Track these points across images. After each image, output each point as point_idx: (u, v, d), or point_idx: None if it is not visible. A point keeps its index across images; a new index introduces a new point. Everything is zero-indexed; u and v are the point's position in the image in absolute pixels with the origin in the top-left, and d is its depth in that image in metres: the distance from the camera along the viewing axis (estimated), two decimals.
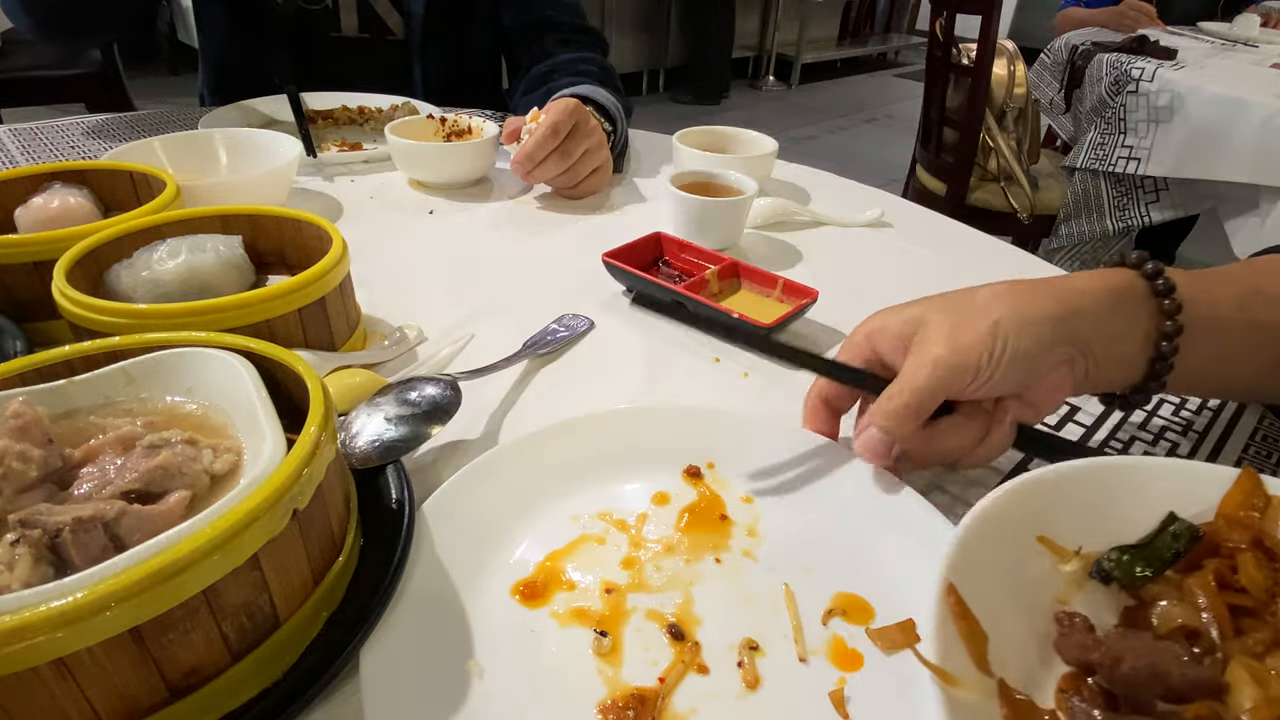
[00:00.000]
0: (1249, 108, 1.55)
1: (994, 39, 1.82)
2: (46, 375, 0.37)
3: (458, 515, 0.41)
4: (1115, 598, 0.32)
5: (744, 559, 0.41)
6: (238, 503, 0.29)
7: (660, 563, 0.41)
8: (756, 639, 0.37)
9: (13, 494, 0.31)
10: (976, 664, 0.28)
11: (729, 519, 0.44)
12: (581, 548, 0.41)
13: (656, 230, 0.73)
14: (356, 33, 1.15)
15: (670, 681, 0.34)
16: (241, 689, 0.31)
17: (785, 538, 0.43)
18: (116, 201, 0.67)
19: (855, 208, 0.90)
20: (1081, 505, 0.34)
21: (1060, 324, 0.40)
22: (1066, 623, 0.30)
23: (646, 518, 0.44)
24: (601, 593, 0.39)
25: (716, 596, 0.39)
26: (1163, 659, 0.26)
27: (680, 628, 0.37)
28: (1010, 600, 0.31)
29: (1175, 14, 2.44)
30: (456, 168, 0.91)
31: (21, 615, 0.24)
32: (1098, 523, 0.33)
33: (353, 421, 0.44)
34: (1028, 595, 0.32)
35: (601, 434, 0.47)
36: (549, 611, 0.38)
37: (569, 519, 0.43)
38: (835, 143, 4.16)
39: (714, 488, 0.46)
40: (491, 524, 0.42)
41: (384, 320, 0.63)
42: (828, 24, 5.65)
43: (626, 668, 0.35)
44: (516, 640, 0.36)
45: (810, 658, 0.36)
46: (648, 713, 0.33)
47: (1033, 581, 0.32)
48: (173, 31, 4.17)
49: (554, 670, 0.35)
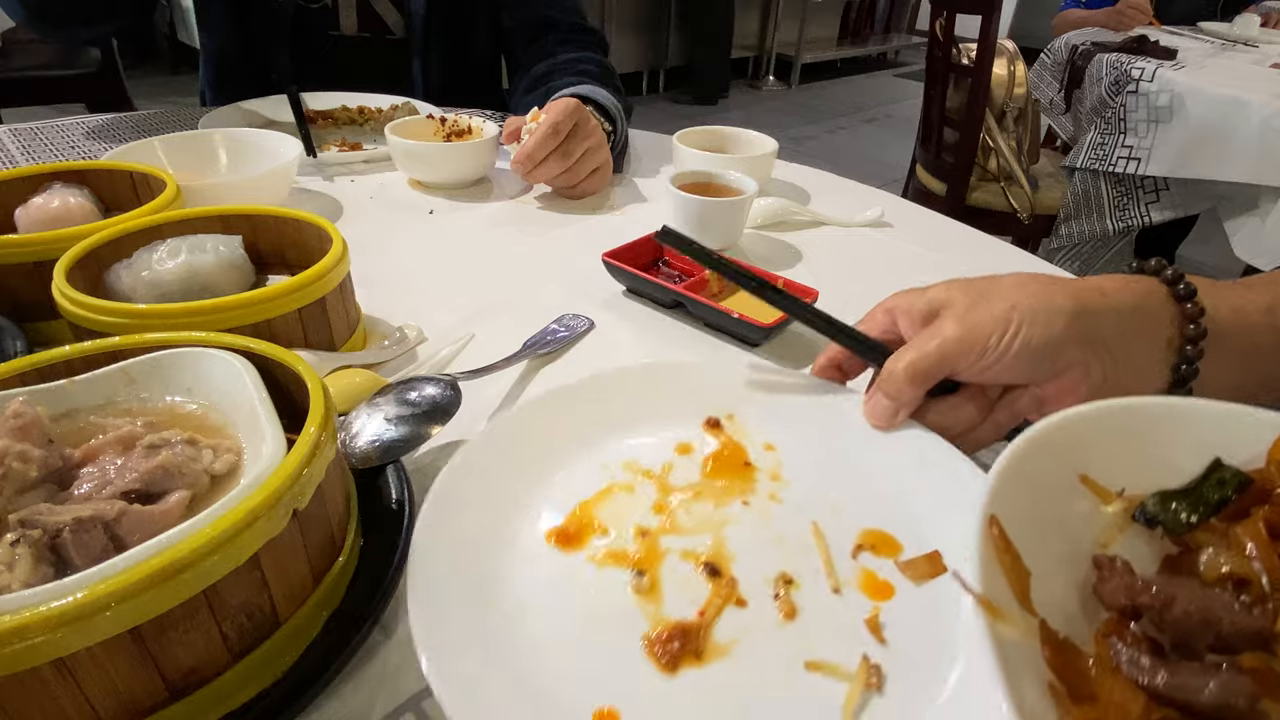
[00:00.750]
0: (1249, 108, 1.55)
1: (994, 39, 1.82)
2: (46, 375, 0.37)
3: (488, 468, 0.42)
4: (1156, 544, 0.31)
5: (770, 502, 0.42)
6: (238, 503, 0.29)
7: (690, 508, 0.42)
8: (790, 573, 0.38)
9: (13, 494, 0.31)
10: (1019, 600, 0.27)
11: (752, 465, 0.45)
12: (611, 496, 0.42)
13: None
14: (356, 32, 1.15)
15: (710, 614, 0.35)
16: (241, 689, 0.31)
17: (809, 480, 0.44)
18: (116, 201, 0.67)
19: (855, 208, 0.90)
20: (1124, 446, 0.33)
21: (1076, 319, 0.39)
22: (1108, 567, 0.28)
23: (671, 467, 0.44)
24: (635, 536, 0.40)
25: (747, 537, 0.40)
26: (1215, 605, 0.25)
27: (715, 565, 0.38)
28: (1049, 541, 0.30)
29: (1175, 14, 2.44)
30: (456, 168, 0.91)
31: (21, 615, 0.24)
32: (1140, 465, 0.32)
33: (353, 421, 0.44)
34: (1067, 537, 0.30)
35: (621, 389, 0.48)
36: (586, 555, 0.38)
37: (597, 469, 0.44)
38: (835, 143, 4.16)
39: (735, 437, 0.47)
40: (521, 475, 0.42)
41: (384, 320, 0.63)
42: (828, 24, 5.65)
43: (666, 603, 0.36)
44: (556, 583, 0.37)
45: (843, 589, 0.37)
46: (691, 643, 0.34)
47: (1072, 523, 0.31)
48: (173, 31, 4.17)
49: (596, 609, 0.36)
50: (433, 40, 1.17)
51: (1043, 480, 0.31)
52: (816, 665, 0.33)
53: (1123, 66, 1.76)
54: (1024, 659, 0.25)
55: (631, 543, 0.39)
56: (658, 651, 0.33)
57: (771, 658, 0.34)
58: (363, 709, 0.33)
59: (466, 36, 1.20)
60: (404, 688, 0.34)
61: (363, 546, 0.39)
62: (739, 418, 0.48)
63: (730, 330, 0.63)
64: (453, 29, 1.17)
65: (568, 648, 0.34)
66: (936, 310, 0.43)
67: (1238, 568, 0.27)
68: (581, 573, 0.37)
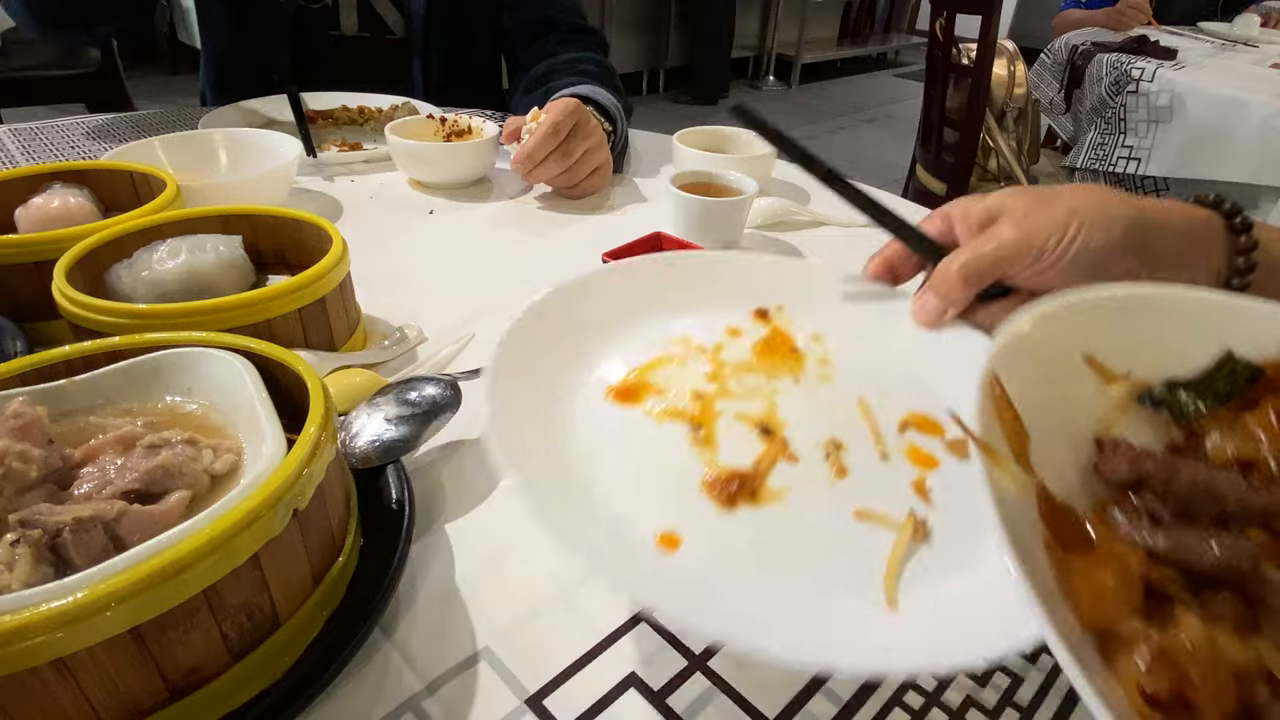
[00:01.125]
0: (1249, 108, 1.55)
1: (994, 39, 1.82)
2: (46, 375, 0.37)
3: (552, 323, 0.43)
4: (1161, 430, 0.30)
5: (819, 381, 0.44)
6: (238, 503, 0.29)
7: (741, 378, 0.43)
8: (839, 439, 0.39)
9: (13, 494, 0.31)
10: (1018, 458, 0.26)
11: (800, 352, 0.46)
12: (666, 364, 0.44)
13: (656, 230, 0.73)
14: (356, 31, 1.15)
15: (764, 465, 0.37)
16: (241, 689, 0.31)
17: (856, 367, 0.45)
18: (116, 201, 0.67)
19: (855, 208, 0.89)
20: (1133, 332, 0.32)
21: (1134, 228, 0.39)
22: (1110, 445, 0.28)
23: (722, 346, 0.46)
24: (691, 399, 0.41)
25: (797, 406, 0.41)
26: (1220, 481, 0.25)
27: (768, 426, 0.39)
28: (1049, 417, 0.29)
29: (1175, 14, 2.44)
30: (457, 168, 0.91)
31: (21, 615, 0.24)
32: (1149, 353, 0.31)
33: (353, 421, 0.44)
34: (1068, 416, 0.30)
35: (672, 273, 0.50)
36: (644, 411, 0.40)
37: (650, 342, 0.45)
38: (835, 143, 4.16)
39: (783, 327, 0.48)
40: (579, 336, 0.44)
41: (384, 320, 0.63)
42: (828, 24, 5.65)
43: (722, 454, 0.37)
44: (617, 431, 0.38)
45: (891, 456, 0.38)
46: (747, 485, 0.35)
47: (1075, 403, 0.30)
48: (173, 31, 4.17)
49: (656, 454, 0.37)
50: (433, 40, 1.17)
51: (1046, 356, 0.30)
52: (866, 514, 0.35)
53: (1123, 66, 1.76)
54: (1020, 512, 0.24)
55: (687, 403, 0.40)
56: (716, 491, 0.35)
57: (823, 505, 0.35)
58: (363, 709, 0.33)
59: (466, 36, 1.20)
60: (404, 688, 0.34)
61: (363, 546, 0.39)
62: (787, 310, 0.49)
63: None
64: (453, 29, 1.17)
65: (630, 483, 0.35)
66: (995, 215, 0.43)
67: (1245, 452, 0.26)
68: (640, 425, 0.39)
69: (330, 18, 1.13)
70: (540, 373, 0.39)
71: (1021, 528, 0.23)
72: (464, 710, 0.34)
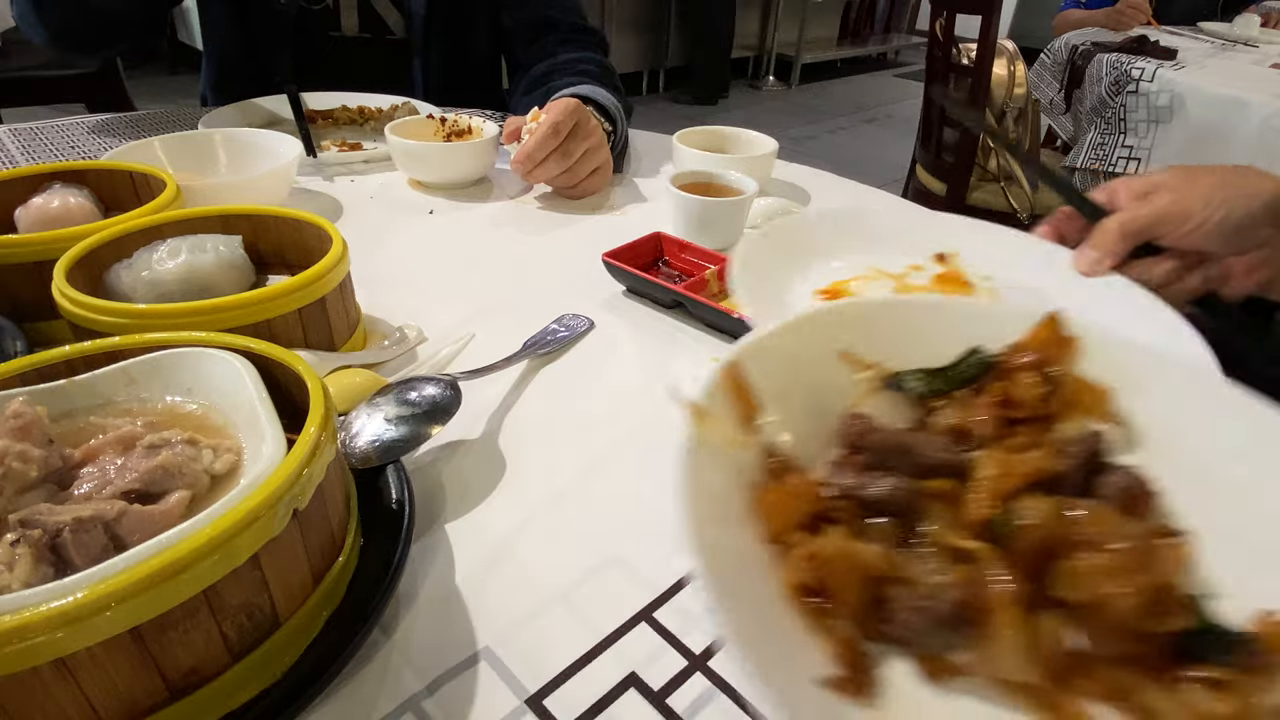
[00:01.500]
0: (1249, 108, 1.55)
1: (994, 39, 1.82)
2: (46, 375, 0.37)
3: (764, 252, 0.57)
4: (906, 410, 0.35)
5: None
6: (238, 503, 0.29)
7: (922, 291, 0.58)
8: None
9: (13, 494, 0.31)
10: (743, 423, 0.31)
11: (971, 285, 0.59)
12: (859, 281, 0.59)
13: (656, 230, 0.73)
14: (357, 32, 1.15)
15: None
16: (241, 689, 0.31)
17: (1017, 296, 0.56)
18: (116, 201, 0.67)
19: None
20: (893, 334, 0.36)
21: (1275, 202, 0.48)
22: (845, 417, 0.33)
23: (905, 275, 0.60)
24: None
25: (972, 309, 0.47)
26: (912, 438, 0.30)
27: None
28: (801, 399, 0.33)
29: (1175, 14, 2.44)
30: (457, 168, 0.91)
31: (21, 615, 0.24)
32: (907, 351, 0.36)
33: (353, 421, 0.44)
34: (820, 398, 0.34)
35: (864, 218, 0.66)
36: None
37: (844, 268, 0.60)
38: (835, 143, 4.16)
39: (958, 267, 0.61)
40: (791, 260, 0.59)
41: (384, 320, 0.63)
42: (828, 24, 5.65)
43: None
44: None
45: None
46: None
47: (829, 386, 0.35)
48: (173, 31, 4.17)
49: None
50: (433, 40, 1.17)
51: (804, 353, 0.35)
52: None
53: (1123, 66, 1.76)
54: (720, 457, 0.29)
55: None
56: None
57: None
58: (363, 709, 0.33)
59: (466, 36, 1.20)
60: (404, 688, 0.34)
61: (363, 546, 0.39)
62: (962, 255, 0.62)
63: (730, 330, 0.63)
64: (453, 29, 1.17)
65: None
66: (1154, 187, 0.52)
67: (960, 422, 0.32)
68: None
69: (330, 18, 1.13)
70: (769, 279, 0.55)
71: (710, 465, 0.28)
72: (464, 710, 0.34)
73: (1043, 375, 0.33)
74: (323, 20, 1.13)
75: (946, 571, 0.25)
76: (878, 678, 0.25)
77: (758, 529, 0.28)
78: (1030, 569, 0.26)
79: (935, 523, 0.27)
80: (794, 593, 0.26)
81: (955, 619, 0.24)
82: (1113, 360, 0.34)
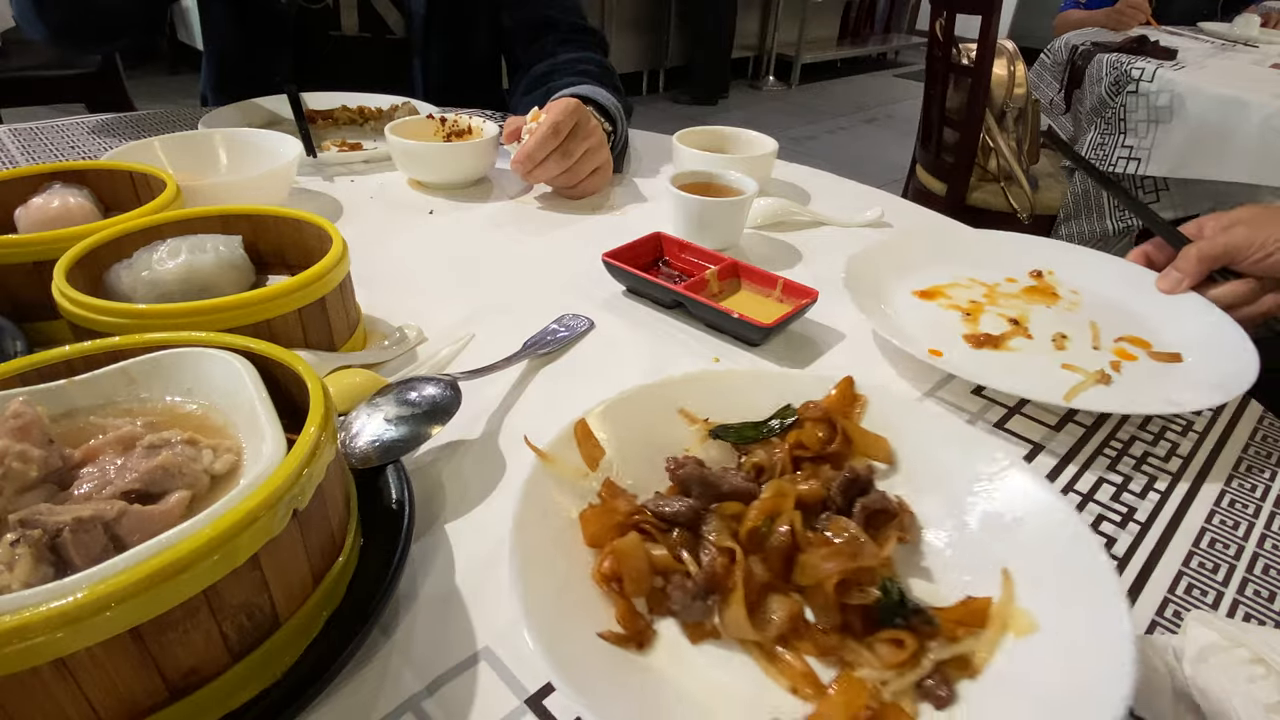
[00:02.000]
0: (1249, 108, 1.55)
1: (994, 39, 1.82)
2: (46, 375, 0.37)
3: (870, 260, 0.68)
4: (730, 455, 0.43)
5: (1067, 309, 0.67)
6: (238, 503, 0.29)
7: (1008, 299, 0.68)
8: (1064, 333, 0.63)
9: (13, 494, 0.31)
10: (586, 463, 0.40)
11: (1059, 296, 0.69)
12: (954, 286, 0.70)
13: (656, 230, 0.73)
14: (357, 31, 1.15)
15: (1008, 334, 0.63)
16: (241, 689, 0.31)
17: (1099, 307, 0.67)
18: (116, 201, 0.67)
19: (855, 208, 0.90)
20: (723, 396, 0.44)
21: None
22: (670, 459, 0.40)
23: (998, 285, 0.70)
24: (967, 302, 0.67)
25: (1044, 317, 0.66)
26: (712, 473, 0.39)
27: (1018, 320, 0.65)
28: (642, 444, 0.42)
29: (1175, 14, 2.44)
30: (457, 168, 0.91)
31: (21, 615, 0.24)
32: (735, 409, 0.44)
33: (353, 421, 0.44)
34: (660, 445, 0.42)
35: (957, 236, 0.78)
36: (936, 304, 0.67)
37: (946, 277, 0.71)
38: (835, 143, 4.16)
39: (1050, 282, 0.71)
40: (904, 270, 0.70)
41: (384, 320, 0.63)
42: (828, 24, 5.65)
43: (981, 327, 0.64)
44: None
45: (1102, 349, 0.61)
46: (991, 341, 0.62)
47: (669, 439, 0.43)
48: (173, 31, 4.17)
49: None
50: (433, 40, 1.17)
51: (648, 410, 0.43)
52: (1070, 366, 0.58)
53: (1123, 66, 1.75)
54: (561, 485, 0.38)
55: (964, 302, 0.67)
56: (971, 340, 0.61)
57: (1042, 356, 0.59)
58: (363, 709, 0.33)
59: (466, 36, 1.20)
60: (404, 688, 0.34)
61: (363, 546, 0.39)
62: (1057, 273, 0.72)
63: (730, 330, 0.63)
64: (453, 29, 1.17)
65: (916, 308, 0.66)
66: (1234, 221, 0.62)
67: (761, 461, 0.41)
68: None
69: (330, 18, 1.13)
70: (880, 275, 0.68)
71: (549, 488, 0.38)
72: (464, 710, 0.34)
73: (829, 424, 0.42)
74: (322, 20, 1.13)
75: (709, 564, 0.35)
76: (652, 636, 0.34)
77: (583, 535, 0.36)
78: (781, 563, 0.35)
79: (714, 532, 0.36)
80: (601, 578, 0.35)
81: (705, 595, 0.34)
82: (887, 410, 0.43)
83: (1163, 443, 0.54)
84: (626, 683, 0.30)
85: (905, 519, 0.38)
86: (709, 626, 0.33)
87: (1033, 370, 0.57)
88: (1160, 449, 0.53)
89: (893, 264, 0.70)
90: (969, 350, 0.60)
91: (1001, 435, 0.54)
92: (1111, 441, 0.54)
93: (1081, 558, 0.32)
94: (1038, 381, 0.55)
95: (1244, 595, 0.42)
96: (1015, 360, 0.59)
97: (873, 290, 0.65)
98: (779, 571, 0.35)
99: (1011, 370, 0.58)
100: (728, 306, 0.62)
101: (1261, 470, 0.52)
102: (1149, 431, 0.55)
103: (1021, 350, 0.60)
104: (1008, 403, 0.57)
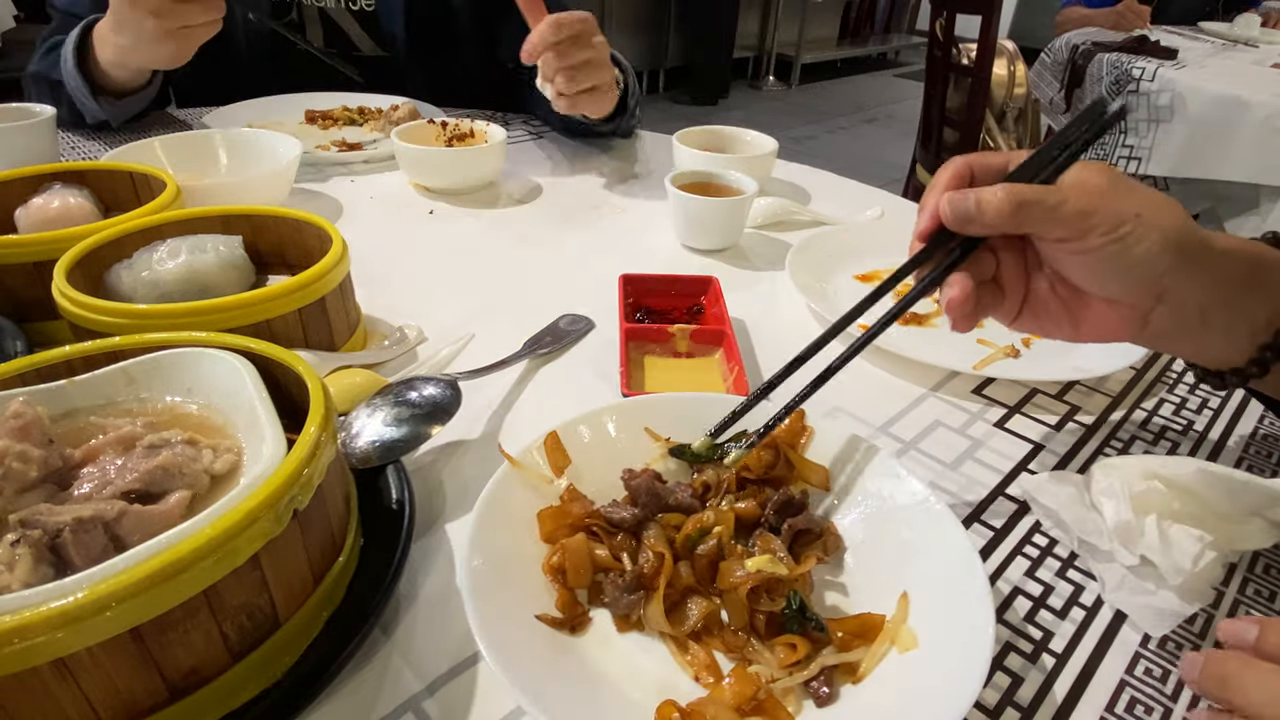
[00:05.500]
0: (1249, 108, 1.55)
1: (994, 39, 1.82)
2: (46, 375, 0.37)
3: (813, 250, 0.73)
4: (688, 472, 0.46)
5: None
6: (238, 503, 0.29)
7: None
8: None
9: (13, 494, 0.31)
10: (553, 470, 0.43)
11: None
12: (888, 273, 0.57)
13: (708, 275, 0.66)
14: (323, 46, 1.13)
15: None
16: (241, 689, 0.31)
17: None
18: (116, 201, 0.67)
19: (855, 208, 0.90)
20: (687, 417, 0.47)
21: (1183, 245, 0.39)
22: (627, 471, 0.44)
23: None
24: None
25: None
26: (663, 487, 0.43)
27: None
28: (606, 458, 0.45)
29: (1175, 14, 2.44)
30: (466, 173, 0.90)
31: (21, 615, 0.24)
32: (696, 429, 0.46)
33: (353, 421, 0.44)
34: (624, 458, 0.45)
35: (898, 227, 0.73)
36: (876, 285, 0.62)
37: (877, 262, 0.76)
38: (835, 143, 4.16)
39: None
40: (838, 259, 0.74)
41: (384, 320, 0.63)
42: (828, 24, 5.65)
43: None
44: None
45: None
46: None
47: (634, 451, 0.46)
48: None
49: None
50: (416, 58, 1.16)
51: (617, 426, 0.47)
52: (984, 341, 0.64)
53: (1123, 66, 1.75)
54: (525, 487, 0.42)
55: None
56: None
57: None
58: (363, 709, 0.33)
59: (453, 51, 1.19)
60: (404, 688, 0.34)
61: (363, 546, 0.39)
62: None
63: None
64: (437, 47, 1.17)
65: None
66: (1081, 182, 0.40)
67: (709, 480, 0.44)
68: None
69: (295, 30, 1.12)
70: None
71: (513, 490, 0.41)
72: (464, 710, 0.34)
73: (774, 450, 0.45)
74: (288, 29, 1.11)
75: (641, 565, 0.39)
76: (587, 622, 0.38)
77: (540, 531, 0.41)
78: (707, 569, 0.40)
79: (653, 537, 0.40)
80: (549, 570, 0.39)
81: (634, 590, 0.38)
82: (830, 442, 0.46)
83: (1163, 442, 0.54)
84: (554, 660, 0.35)
85: (829, 540, 0.42)
86: (635, 618, 0.38)
87: (950, 344, 0.63)
88: (1160, 449, 0.53)
89: (839, 250, 0.77)
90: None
91: (1003, 434, 0.54)
92: (1112, 441, 0.54)
93: (972, 589, 0.36)
94: (954, 354, 0.60)
95: (1244, 595, 0.42)
96: (936, 335, 0.66)
97: (816, 272, 0.73)
98: (704, 576, 0.40)
99: (932, 343, 0.64)
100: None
101: (1261, 470, 0.52)
102: (1149, 431, 0.55)
103: (942, 328, 0.66)
104: (1008, 402, 0.57)
